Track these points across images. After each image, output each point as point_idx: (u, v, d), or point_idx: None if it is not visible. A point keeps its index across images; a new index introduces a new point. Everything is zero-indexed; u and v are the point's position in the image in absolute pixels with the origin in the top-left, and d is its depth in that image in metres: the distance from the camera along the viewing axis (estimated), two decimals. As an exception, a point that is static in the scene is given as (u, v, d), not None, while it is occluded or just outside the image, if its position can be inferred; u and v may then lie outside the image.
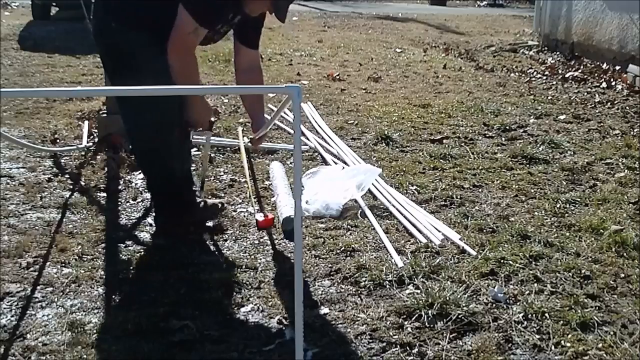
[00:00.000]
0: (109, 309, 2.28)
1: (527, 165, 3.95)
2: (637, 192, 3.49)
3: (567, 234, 2.96)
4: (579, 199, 3.38)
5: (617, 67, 7.24)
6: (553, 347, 2.09)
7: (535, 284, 2.49)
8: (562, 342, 2.12)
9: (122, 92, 2.52)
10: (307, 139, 4.33)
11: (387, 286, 2.45)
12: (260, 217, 3.00)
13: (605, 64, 7.54)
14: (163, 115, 2.63)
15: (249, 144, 3.32)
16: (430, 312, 2.25)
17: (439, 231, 2.92)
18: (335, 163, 3.87)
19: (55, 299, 2.32)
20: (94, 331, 2.13)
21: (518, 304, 2.34)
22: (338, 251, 2.74)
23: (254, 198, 3.29)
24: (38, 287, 2.39)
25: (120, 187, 3.43)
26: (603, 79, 6.86)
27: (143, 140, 2.80)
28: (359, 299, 2.38)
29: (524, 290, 2.44)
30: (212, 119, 2.93)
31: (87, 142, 4.06)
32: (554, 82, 6.82)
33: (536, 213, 3.20)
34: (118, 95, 2.78)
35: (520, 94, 6.16)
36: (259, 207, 3.23)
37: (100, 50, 2.83)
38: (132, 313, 2.23)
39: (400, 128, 4.70)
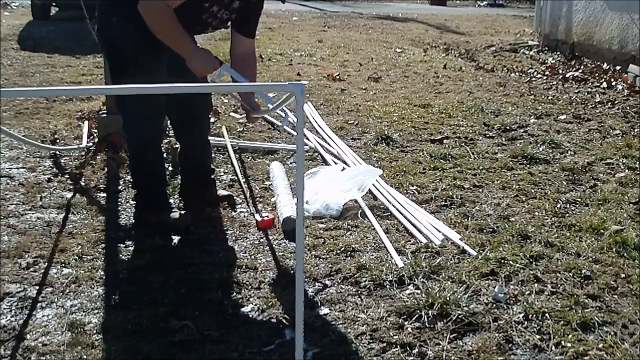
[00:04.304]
0: (109, 309, 2.28)
1: (528, 165, 3.95)
2: (638, 192, 3.49)
3: (568, 234, 2.96)
4: (579, 199, 3.38)
5: (618, 67, 7.23)
6: (553, 348, 2.09)
7: (536, 284, 2.48)
8: (563, 342, 2.12)
9: (122, 91, 2.52)
10: (307, 139, 4.33)
11: (387, 286, 2.45)
12: (260, 217, 3.00)
13: (605, 64, 7.53)
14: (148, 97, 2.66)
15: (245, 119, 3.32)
16: (430, 312, 2.25)
17: (439, 231, 2.92)
18: (336, 163, 3.86)
19: (55, 299, 2.32)
20: (94, 331, 2.13)
21: (518, 304, 2.34)
22: (338, 251, 2.74)
23: (250, 197, 3.30)
24: (37, 288, 2.39)
25: (120, 187, 3.43)
26: (603, 79, 6.86)
27: (130, 124, 2.87)
28: (359, 299, 2.38)
29: (525, 291, 2.43)
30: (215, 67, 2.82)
31: (87, 142, 4.06)
32: (554, 82, 6.81)
33: (536, 213, 3.19)
34: (117, 94, 2.79)
35: (521, 94, 6.16)
36: (255, 208, 3.23)
37: (101, 45, 2.87)
38: (132, 313, 2.23)
39: (400, 128, 4.70)
